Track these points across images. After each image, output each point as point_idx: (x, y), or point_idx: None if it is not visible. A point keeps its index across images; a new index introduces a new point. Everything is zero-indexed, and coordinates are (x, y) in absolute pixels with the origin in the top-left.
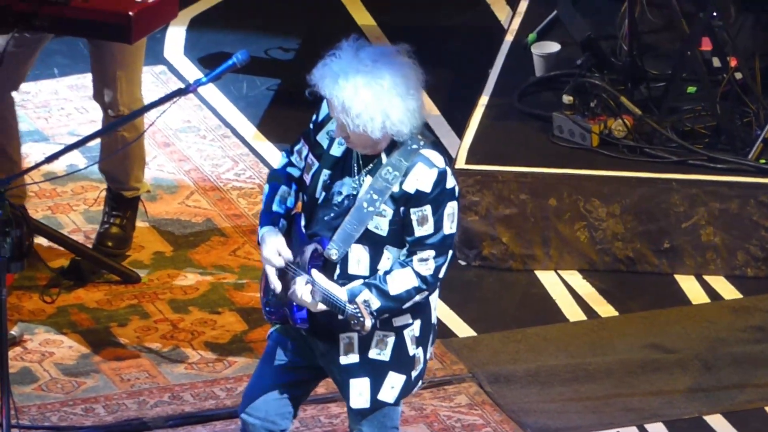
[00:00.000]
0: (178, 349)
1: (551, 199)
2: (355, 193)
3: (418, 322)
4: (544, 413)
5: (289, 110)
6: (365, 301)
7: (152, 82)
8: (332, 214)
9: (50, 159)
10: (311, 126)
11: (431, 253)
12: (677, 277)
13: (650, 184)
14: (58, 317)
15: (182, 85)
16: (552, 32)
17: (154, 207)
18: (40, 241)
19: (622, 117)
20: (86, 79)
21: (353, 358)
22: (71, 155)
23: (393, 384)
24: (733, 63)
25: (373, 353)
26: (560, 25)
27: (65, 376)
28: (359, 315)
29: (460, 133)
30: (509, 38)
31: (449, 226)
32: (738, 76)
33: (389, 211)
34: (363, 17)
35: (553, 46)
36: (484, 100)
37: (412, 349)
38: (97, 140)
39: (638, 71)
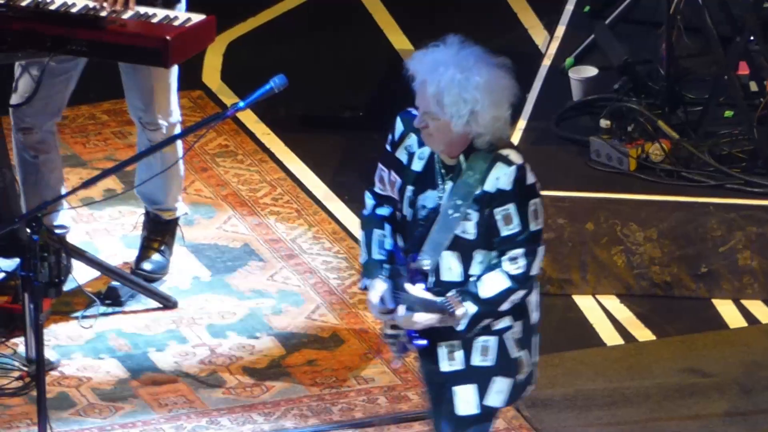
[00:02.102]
0: (215, 374)
1: (588, 223)
2: (438, 205)
3: (519, 324)
4: None
5: (327, 134)
6: (460, 298)
7: (190, 107)
8: (420, 229)
9: (88, 184)
10: (388, 147)
11: (520, 251)
12: (714, 301)
13: (687, 208)
14: (95, 342)
15: (220, 110)
16: (589, 57)
17: (191, 232)
18: (78, 265)
19: (660, 141)
20: (123, 104)
21: (456, 365)
22: (108, 180)
23: (500, 389)
24: None
25: (476, 360)
26: (598, 50)
27: (103, 401)
28: (449, 305)
29: None
30: (546, 63)
31: (535, 222)
32: None
33: (474, 215)
34: (400, 41)
35: (591, 71)
36: (521, 124)
37: (514, 352)
38: (134, 164)
39: (675, 95)
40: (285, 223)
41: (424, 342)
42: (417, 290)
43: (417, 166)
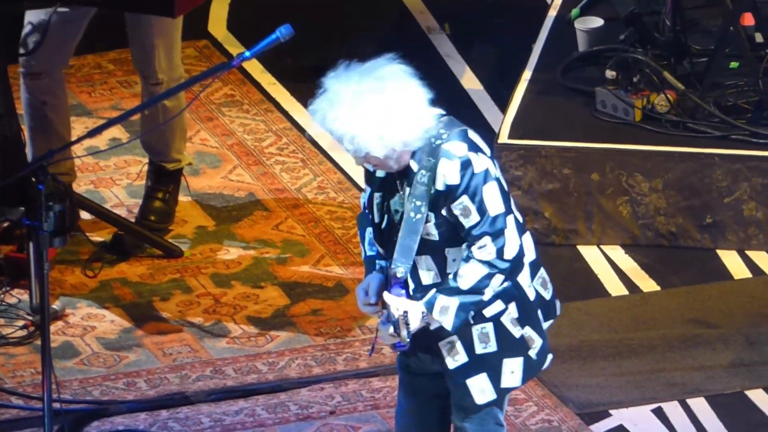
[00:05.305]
0: (220, 323)
1: (594, 173)
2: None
3: (513, 305)
4: (586, 388)
5: None
6: (443, 307)
7: (195, 57)
8: (398, 234)
9: (93, 133)
10: None
11: (487, 239)
12: (719, 252)
13: (693, 159)
14: (100, 291)
15: (225, 60)
16: (595, 7)
17: (196, 181)
18: (83, 215)
19: (665, 92)
20: (129, 54)
21: (461, 359)
22: (114, 129)
23: (513, 369)
24: None
25: (479, 348)
26: (604, 0)
27: (107, 350)
28: (396, 323)
29: (503, 108)
30: (552, 13)
31: (495, 207)
32: None
33: (431, 215)
34: None
35: (597, 21)
36: (527, 75)
37: (517, 332)
38: (140, 114)
39: (681, 46)
40: (290, 172)
41: (404, 347)
42: (392, 298)
43: (380, 172)
